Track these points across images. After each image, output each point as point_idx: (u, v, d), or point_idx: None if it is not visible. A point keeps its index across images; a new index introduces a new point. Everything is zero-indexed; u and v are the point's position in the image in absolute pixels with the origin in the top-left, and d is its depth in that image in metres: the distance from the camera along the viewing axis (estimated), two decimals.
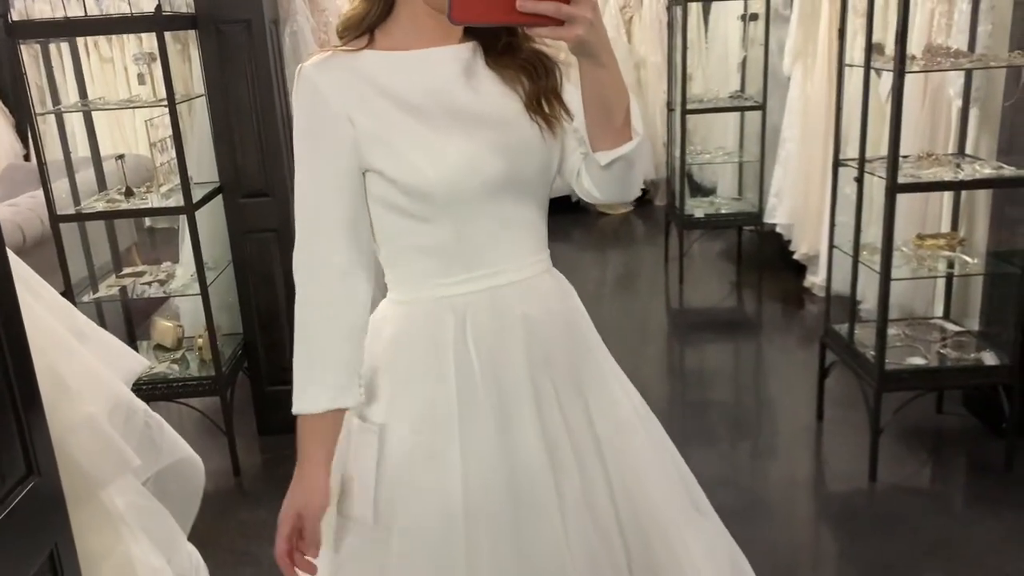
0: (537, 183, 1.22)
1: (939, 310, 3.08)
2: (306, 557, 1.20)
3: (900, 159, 2.53)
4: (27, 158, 5.78)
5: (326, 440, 1.19)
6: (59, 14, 2.77)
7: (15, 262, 1.35)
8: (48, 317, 1.34)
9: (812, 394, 3.18)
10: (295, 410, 1.19)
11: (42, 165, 2.64)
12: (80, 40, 3.87)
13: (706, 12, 5.57)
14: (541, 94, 1.20)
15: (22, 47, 2.60)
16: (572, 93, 1.19)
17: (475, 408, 1.18)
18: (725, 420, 3.28)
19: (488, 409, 1.18)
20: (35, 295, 1.35)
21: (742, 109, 4.69)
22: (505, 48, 1.20)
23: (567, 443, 1.21)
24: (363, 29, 1.19)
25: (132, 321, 3.20)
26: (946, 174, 2.61)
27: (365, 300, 1.20)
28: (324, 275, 1.17)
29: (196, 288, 2.83)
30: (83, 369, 1.36)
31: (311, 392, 1.17)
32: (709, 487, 1.40)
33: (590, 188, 1.20)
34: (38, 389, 1.21)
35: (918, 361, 2.72)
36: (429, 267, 1.20)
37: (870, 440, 2.73)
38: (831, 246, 2.99)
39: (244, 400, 3.22)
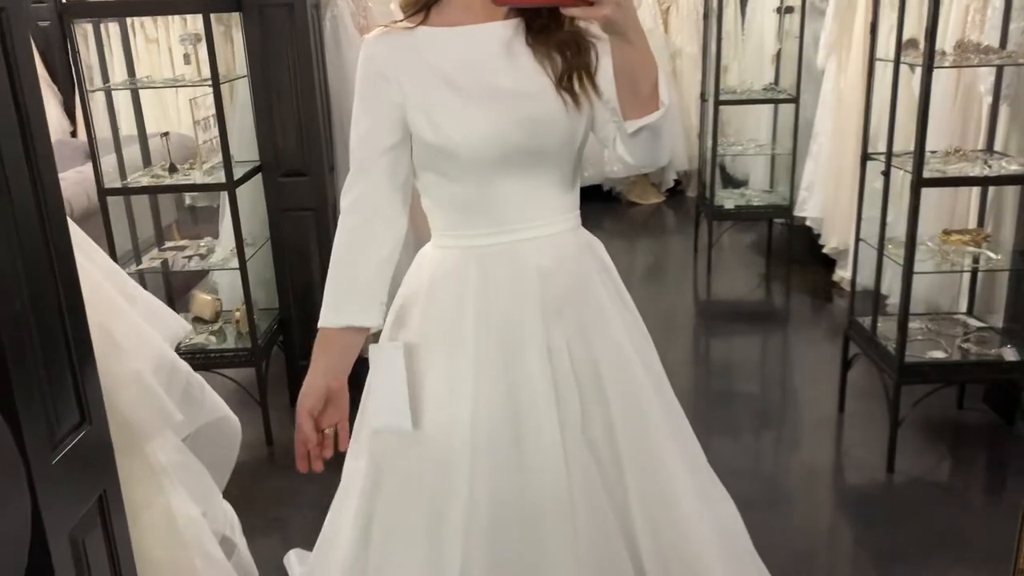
0: (560, 152, 1.35)
1: (963, 306, 3.09)
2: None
3: (928, 154, 2.55)
4: (74, 134, 5.94)
5: (337, 352, 1.38)
6: None
7: (72, 228, 1.44)
8: (101, 279, 1.43)
9: (835, 386, 3.21)
10: (320, 324, 1.38)
11: (92, 140, 2.75)
12: (127, 21, 3.98)
13: (743, 4, 5.58)
14: (572, 71, 1.31)
15: (74, 26, 2.71)
16: (607, 69, 1.28)
17: (488, 343, 1.35)
18: (749, 411, 3.32)
19: (499, 345, 1.35)
20: (89, 258, 1.44)
21: (775, 102, 4.70)
22: (544, 26, 1.32)
23: (573, 384, 1.36)
24: (420, 6, 1.36)
25: (173, 293, 3.31)
26: (972, 170, 2.62)
27: (397, 238, 1.39)
28: (363, 213, 1.36)
29: (235, 263, 2.94)
30: (131, 328, 1.45)
31: (335, 309, 1.37)
32: (732, 476, 1.51)
33: (623, 154, 1.31)
34: (91, 344, 1.30)
35: (939, 355, 2.74)
36: (458, 220, 1.38)
37: (889, 432, 2.76)
38: (857, 239, 3.02)
39: (278, 374, 3.32)
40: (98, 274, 1.43)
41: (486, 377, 1.35)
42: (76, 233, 1.44)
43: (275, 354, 3.28)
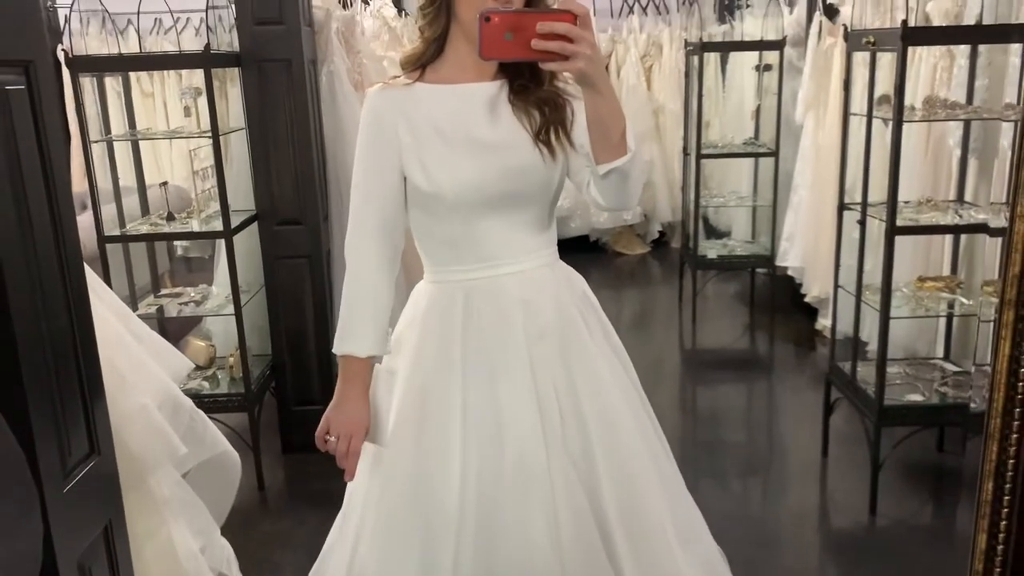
0: (537, 197, 1.51)
1: (940, 351, 3.18)
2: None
3: (901, 204, 2.66)
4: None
5: (364, 379, 1.53)
6: (103, 52, 2.99)
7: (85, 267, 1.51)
8: (110, 316, 1.49)
9: (819, 431, 3.27)
10: (338, 351, 1.52)
11: (93, 190, 2.83)
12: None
13: (723, 62, 5.77)
14: (549, 126, 1.47)
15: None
16: (582, 122, 1.41)
17: (476, 365, 1.50)
18: (735, 457, 3.37)
19: (487, 366, 1.49)
20: (99, 297, 1.51)
21: (756, 155, 4.84)
22: (524, 87, 1.49)
23: (554, 401, 1.49)
24: (418, 65, 1.51)
25: (168, 339, 3.35)
26: (944, 219, 2.74)
27: (391, 282, 1.54)
28: (364, 265, 1.52)
29: (229, 309, 3.00)
30: (138, 364, 1.51)
31: (353, 342, 1.51)
32: (719, 521, 1.60)
33: (595, 195, 1.43)
34: (101, 378, 1.36)
35: (917, 398, 2.82)
36: (446, 256, 1.53)
37: (870, 474, 2.82)
38: (836, 286, 3.11)
39: (270, 419, 3.36)
40: (107, 312, 1.49)
41: (474, 395, 1.48)
42: (87, 273, 1.51)
43: (267, 400, 3.32)
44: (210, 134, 2.81)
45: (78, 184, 3.50)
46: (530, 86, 1.48)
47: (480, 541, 1.45)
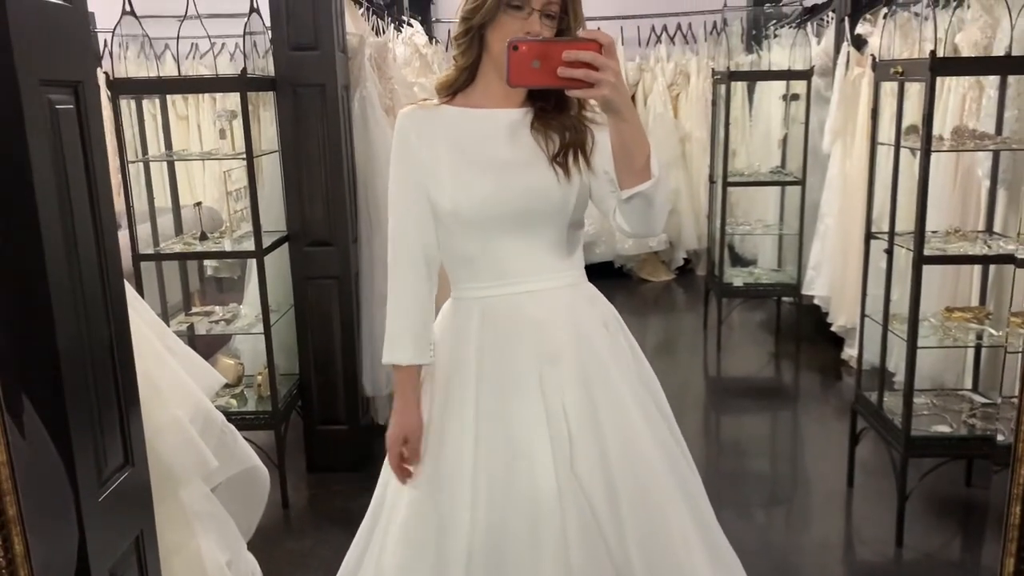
0: (553, 217, 1.54)
1: (968, 382, 3.15)
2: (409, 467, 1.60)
3: (929, 234, 2.66)
4: None
5: (415, 385, 1.60)
6: (141, 74, 3.07)
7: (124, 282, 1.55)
8: (146, 330, 1.53)
9: (844, 462, 3.24)
10: (385, 361, 1.60)
11: (130, 209, 2.89)
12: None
13: (750, 90, 5.79)
14: (566, 148, 1.52)
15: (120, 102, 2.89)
16: (606, 148, 1.43)
17: (488, 383, 1.53)
18: (760, 487, 3.34)
19: (498, 385, 1.53)
20: (136, 311, 1.55)
21: (782, 184, 4.85)
22: (545, 110, 1.55)
23: (563, 425, 1.50)
24: (450, 91, 1.59)
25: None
26: (972, 249, 2.73)
27: (429, 294, 1.61)
28: (401, 279, 1.60)
29: (259, 328, 3.04)
30: (173, 377, 1.55)
31: (395, 352, 1.59)
32: (743, 553, 1.59)
33: (620, 221, 1.46)
34: (137, 390, 1.40)
35: (944, 429, 2.80)
36: (465, 273, 1.59)
37: (897, 505, 2.80)
38: (863, 316, 3.10)
39: (295, 439, 3.39)
40: (144, 326, 1.53)
41: (486, 420, 1.52)
42: (126, 288, 1.54)
43: (293, 419, 3.35)
44: (244, 156, 2.87)
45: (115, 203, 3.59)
46: (553, 111, 1.54)
47: (490, 562, 1.48)
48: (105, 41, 4.74)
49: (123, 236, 3.03)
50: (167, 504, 1.52)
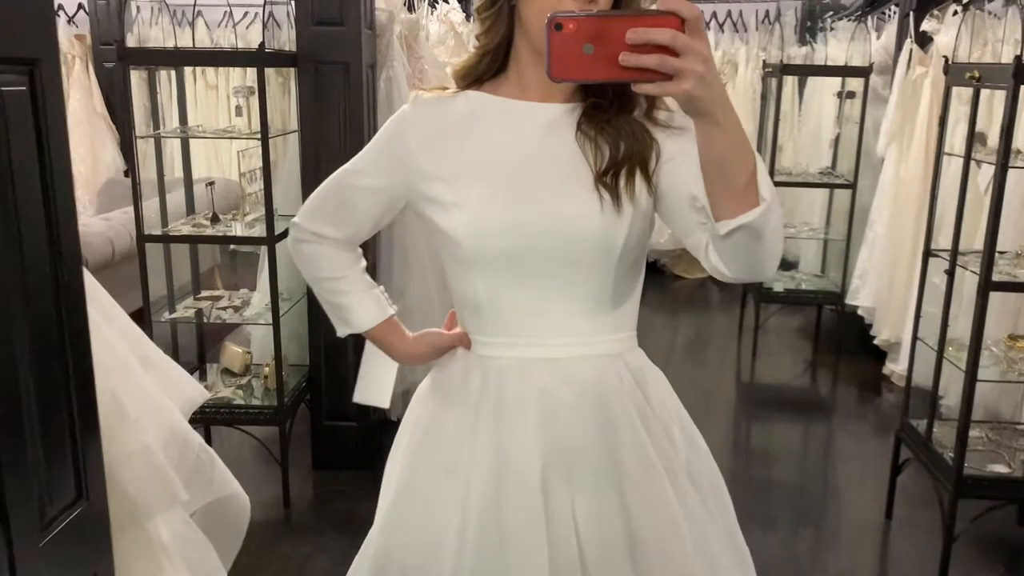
0: (590, 261, 1.15)
1: None
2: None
3: (996, 255, 2.42)
4: (127, 174, 6.04)
5: (399, 330, 1.33)
6: (169, 43, 2.90)
7: (91, 284, 1.38)
8: (117, 341, 1.36)
9: (882, 488, 3.02)
10: (342, 334, 1.36)
11: (136, 187, 2.74)
12: (186, 68, 4.03)
13: (801, 86, 5.51)
14: (620, 167, 1.12)
15: (132, 72, 2.72)
16: (689, 162, 1.06)
17: (481, 470, 1.18)
18: (788, 504, 3.16)
19: (493, 476, 1.17)
20: (107, 318, 1.38)
21: (832, 186, 4.58)
22: (598, 106, 1.16)
23: (572, 535, 1.16)
24: (472, 79, 1.22)
25: (204, 343, 3.26)
26: None
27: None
28: (321, 251, 1.31)
29: (269, 317, 2.88)
30: (144, 397, 1.38)
31: (350, 325, 1.33)
32: (765, 570, 1.32)
33: (717, 264, 1.06)
34: (97, 415, 1.23)
35: (1000, 469, 2.56)
36: (470, 322, 1.24)
37: (942, 548, 2.58)
38: (915, 338, 2.87)
39: (302, 431, 3.24)
40: (114, 336, 1.36)
41: (475, 515, 1.17)
42: (95, 290, 1.37)
43: (301, 411, 3.20)
44: (259, 136, 2.69)
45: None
46: (609, 108, 1.15)
47: None
48: (138, 7, 4.61)
49: (132, 212, 2.88)
50: (131, 536, 1.36)
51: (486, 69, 1.21)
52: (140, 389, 1.37)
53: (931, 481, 2.72)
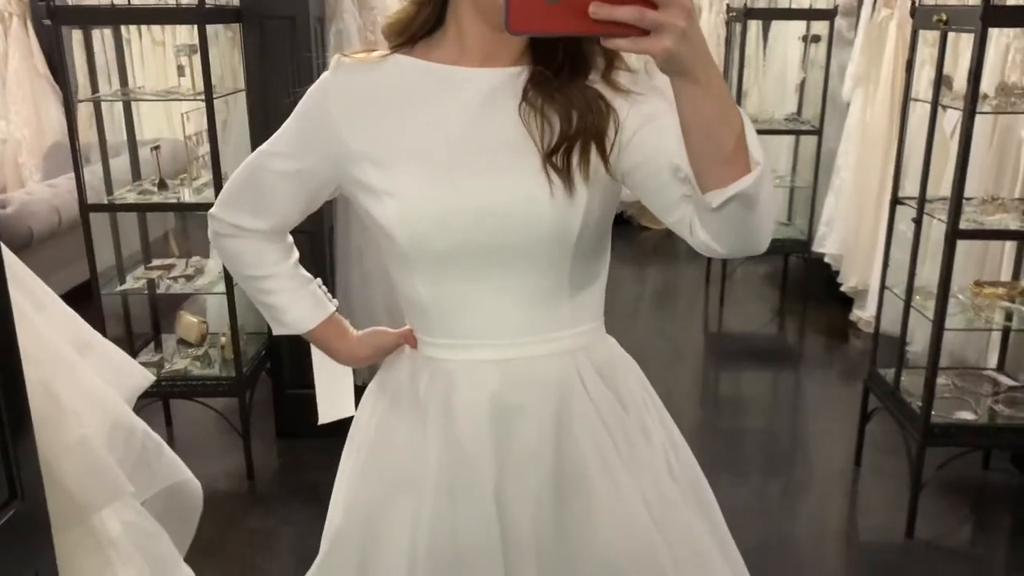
0: (540, 251, 1.03)
1: (993, 360, 2.92)
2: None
3: (963, 202, 2.39)
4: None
5: (340, 329, 1.24)
6: (104, 1, 2.74)
7: (19, 268, 1.29)
8: (48, 330, 1.27)
9: (851, 436, 3.04)
10: (279, 332, 1.25)
11: (76, 153, 2.61)
12: (127, 27, 3.85)
13: (766, 30, 5.42)
14: (574, 141, 1.00)
15: (65, 32, 2.57)
16: (656, 132, 0.97)
17: (435, 477, 1.08)
18: (758, 452, 3.18)
19: (445, 483, 1.08)
20: (37, 305, 1.29)
21: (797, 133, 4.53)
22: (554, 76, 1.02)
23: (532, 551, 1.07)
24: (406, 37, 1.08)
25: (158, 313, 3.16)
26: (1012, 222, 2.46)
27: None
28: (247, 246, 1.19)
29: (223, 286, 2.78)
30: (81, 387, 1.30)
31: (289, 326, 1.23)
32: (737, 518, 1.28)
33: (707, 240, 0.94)
34: (28, 409, 1.14)
35: (967, 416, 2.57)
36: (415, 321, 1.14)
37: (910, 494, 2.59)
38: (882, 287, 2.84)
39: (264, 400, 3.16)
40: (45, 325, 1.27)
41: (425, 544, 1.08)
42: (24, 276, 1.28)
43: (262, 379, 3.12)
44: (203, 97, 2.56)
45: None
46: (558, 77, 1.01)
47: None
48: None
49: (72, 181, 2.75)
50: (76, 532, 1.29)
51: (422, 24, 1.06)
52: (76, 378, 1.29)
53: (898, 429, 2.72)
